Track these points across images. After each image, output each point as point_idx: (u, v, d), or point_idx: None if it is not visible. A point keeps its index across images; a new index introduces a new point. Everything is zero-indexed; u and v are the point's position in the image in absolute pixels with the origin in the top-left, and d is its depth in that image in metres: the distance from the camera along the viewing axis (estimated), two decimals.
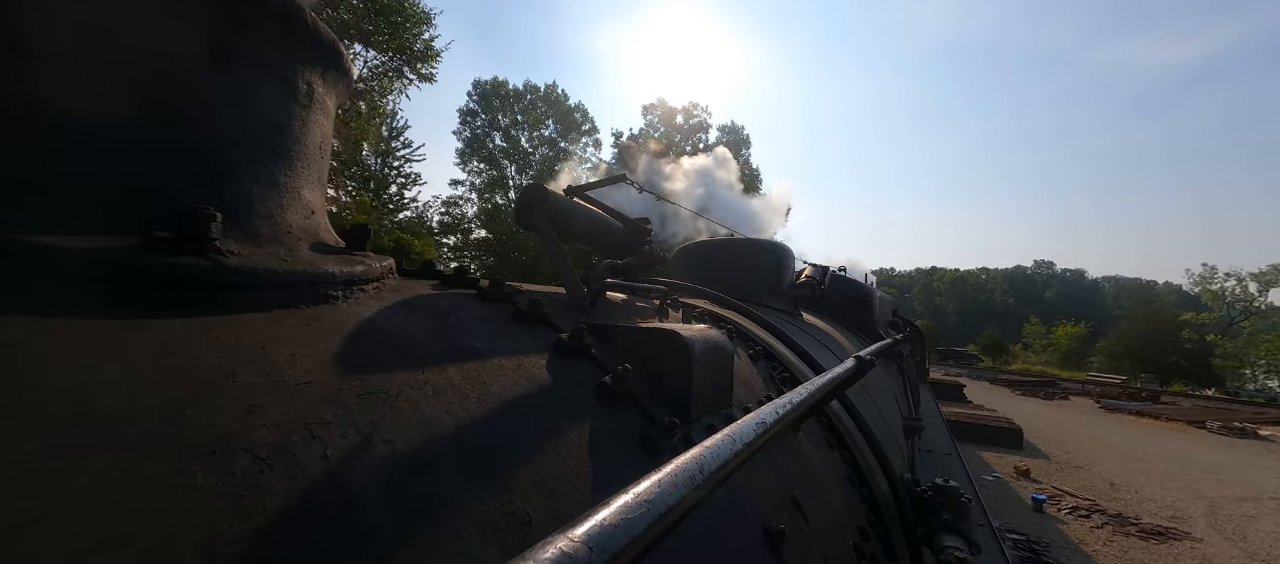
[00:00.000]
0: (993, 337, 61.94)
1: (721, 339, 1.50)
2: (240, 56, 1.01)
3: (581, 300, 1.66)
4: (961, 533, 1.88)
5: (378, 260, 1.22)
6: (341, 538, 0.59)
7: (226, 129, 1.00)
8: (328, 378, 0.78)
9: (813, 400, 1.16)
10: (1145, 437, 16.28)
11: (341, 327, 0.93)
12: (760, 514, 1.23)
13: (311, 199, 1.20)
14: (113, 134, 0.87)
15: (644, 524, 0.44)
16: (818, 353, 3.39)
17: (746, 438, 0.71)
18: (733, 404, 1.54)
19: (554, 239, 1.68)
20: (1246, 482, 11.27)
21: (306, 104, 1.16)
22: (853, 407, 2.44)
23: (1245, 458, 13.78)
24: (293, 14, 1.08)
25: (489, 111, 35.36)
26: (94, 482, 0.50)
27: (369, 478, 0.66)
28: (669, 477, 0.52)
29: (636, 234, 2.24)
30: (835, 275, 8.13)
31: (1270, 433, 17.33)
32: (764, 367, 2.36)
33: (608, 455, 1.01)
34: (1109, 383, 31.07)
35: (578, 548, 0.37)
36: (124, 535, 0.48)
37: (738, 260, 5.17)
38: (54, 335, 0.64)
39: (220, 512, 0.53)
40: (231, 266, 0.87)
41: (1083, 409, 21.85)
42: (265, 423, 0.65)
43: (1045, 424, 17.43)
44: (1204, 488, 10.75)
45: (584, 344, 1.27)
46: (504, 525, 0.73)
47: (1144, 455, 13.55)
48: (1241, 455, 14.09)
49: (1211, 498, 10.12)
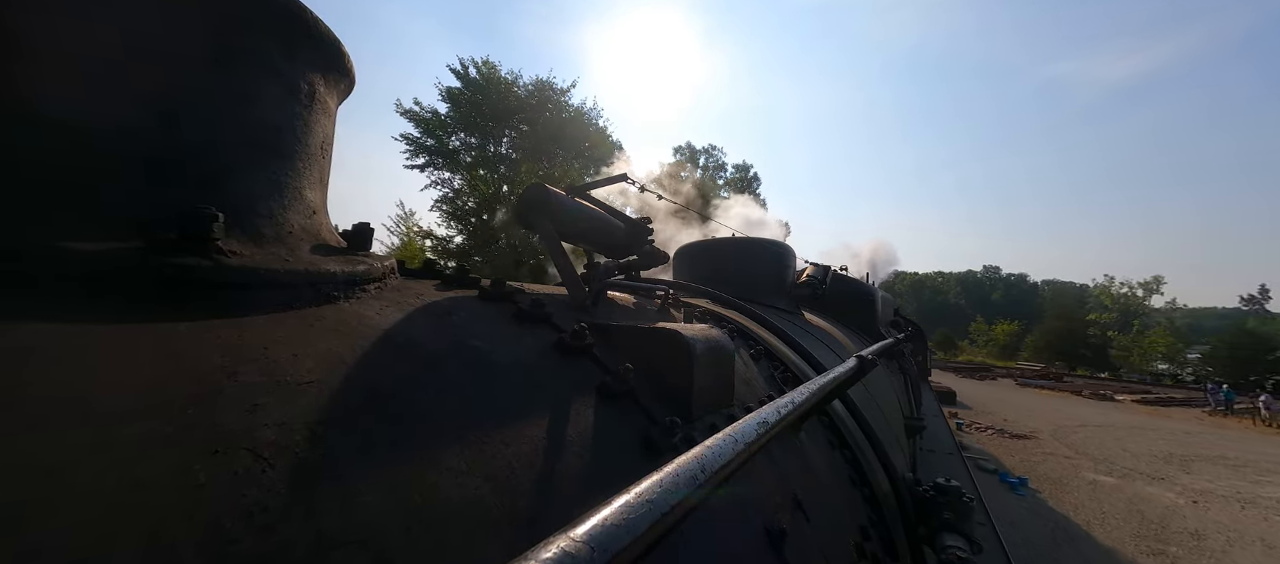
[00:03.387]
0: (945, 334, 74.08)
1: (723, 339, 1.50)
2: (241, 56, 1.01)
3: (583, 300, 1.66)
4: (963, 533, 1.88)
5: (379, 260, 1.22)
6: (343, 537, 0.59)
7: (228, 129, 1.00)
8: (329, 378, 0.78)
9: (814, 400, 1.16)
10: (1039, 400, 25.78)
11: (343, 326, 0.93)
12: (762, 513, 1.23)
13: (313, 199, 1.20)
14: (114, 134, 0.87)
15: (645, 524, 0.43)
16: (819, 352, 3.39)
17: (748, 437, 0.71)
18: (734, 403, 1.54)
19: (555, 238, 1.68)
20: (1082, 418, 20.43)
21: (308, 104, 1.16)
22: (854, 406, 2.44)
23: (1093, 410, 22.95)
24: (294, 14, 1.09)
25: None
26: (96, 481, 0.50)
27: (371, 478, 0.66)
28: (670, 476, 0.52)
29: (638, 233, 2.23)
30: (836, 275, 8.12)
31: (1122, 399, 26.75)
32: (765, 366, 2.35)
33: (609, 455, 1.01)
34: (1030, 368, 42.26)
35: (579, 547, 0.37)
36: (126, 534, 0.48)
37: (739, 260, 5.17)
38: (56, 335, 0.65)
39: (222, 511, 0.54)
40: (233, 267, 0.87)
41: (1005, 386, 32.40)
42: (267, 422, 0.65)
43: (975, 392, 27.58)
44: (1057, 421, 19.39)
45: (585, 343, 1.27)
46: (505, 525, 0.73)
47: (1031, 409, 22.58)
48: (1091, 409, 23.23)
49: (1058, 424, 18.76)
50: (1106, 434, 17.04)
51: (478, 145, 25.64)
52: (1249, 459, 14.08)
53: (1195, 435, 17.57)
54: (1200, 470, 12.74)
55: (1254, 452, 15.09)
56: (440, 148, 24.90)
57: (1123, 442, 15.94)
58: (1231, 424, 20.63)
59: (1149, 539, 8.35)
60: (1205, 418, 21.93)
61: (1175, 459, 13.87)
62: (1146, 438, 16.66)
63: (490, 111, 24.82)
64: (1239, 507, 10.08)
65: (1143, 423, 19.66)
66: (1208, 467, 13.15)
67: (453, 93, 24.64)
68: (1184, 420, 20.88)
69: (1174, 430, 18.34)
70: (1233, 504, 10.21)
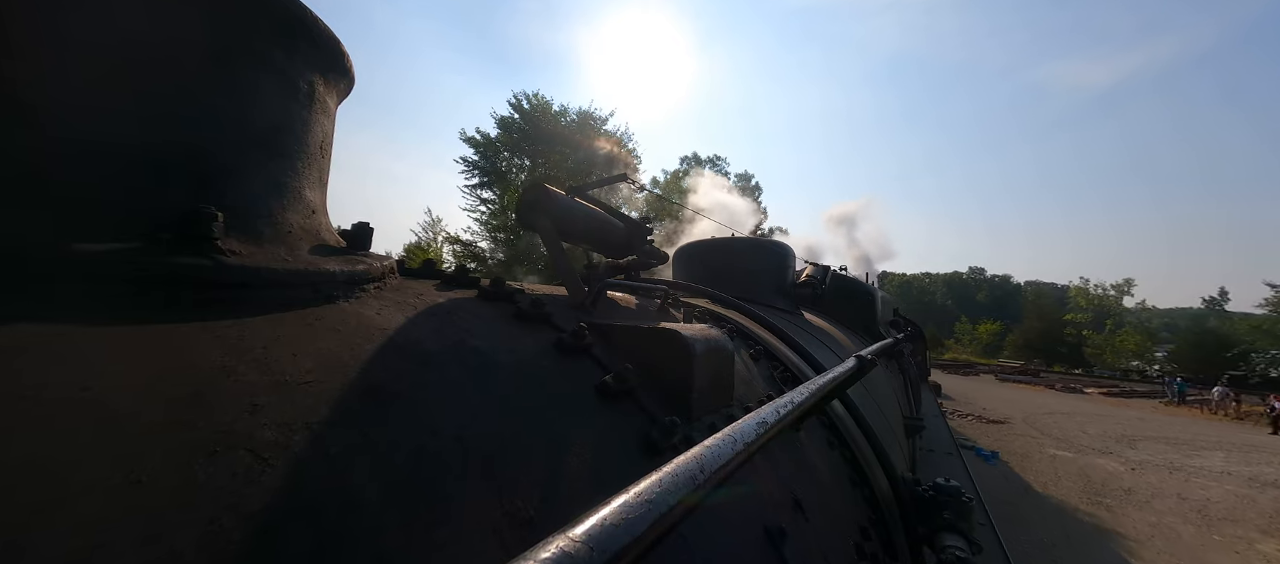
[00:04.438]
0: (931, 332, 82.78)
1: (722, 338, 1.50)
2: (241, 56, 1.01)
3: (582, 300, 1.66)
4: (962, 533, 1.87)
5: (379, 260, 1.22)
6: (342, 537, 0.59)
7: (227, 129, 1.00)
8: (329, 377, 0.78)
9: (814, 400, 1.16)
10: (1016, 393, 29.03)
11: (343, 326, 0.93)
12: (762, 513, 1.23)
13: (313, 199, 1.20)
14: (114, 134, 0.87)
15: (645, 523, 0.43)
16: (819, 352, 3.39)
17: (747, 437, 0.71)
18: (734, 403, 1.54)
19: (555, 238, 1.68)
20: (1051, 407, 22.72)
21: (307, 104, 1.16)
22: (854, 406, 2.44)
23: (1062, 401, 25.55)
24: (294, 14, 1.08)
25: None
26: (97, 479, 0.50)
27: (370, 477, 0.66)
28: (670, 476, 0.52)
29: (637, 233, 2.23)
30: (836, 275, 8.12)
31: (1090, 392, 30.10)
32: (765, 366, 2.35)
33: (608, 454, 1.01)
34: (1010, 365, 46.10)
35: (578, 547, 0.37)
36: (126, 534, 0.48)
37: (739, 260, 5.17)
38: (57, 335, 0.65)
39: (222, 510, 0.54)
40: (233, 266, 0.87)
41: (986, 381, 35.78)
42: (267, 422, 0.65)
43: (959, 386, 30.39)
44: (1029, 410, 21.72)
45: (585, 343, 1.27)
46: (505, 525, 0.73)
47: (1008, 400, 25.18)
48: (1061, 400, 25.89)
49: (1029, 412, 20.97)
50: (1070, 420, 19.44)
51: (527, 167, 28.43)
52: (1186, 439, 16.69)
53: (1147, 421, 20.32)
54: (1144, 447, 15.17)
55: (1192, 433, 17.77)
56: (492, 168, 27.98)
57: (1083, 426, 18.34)
58: (1182, 412, 23.59)
59: (1091, 495, 10.59)
60: (1161, 407, 24.91)
61: (1125, 439, 16.33)
62: (1104, 423, 19.20)
63: (537, 136, 28.07)
64: (1167, 472, 12.45)
65: (1104, 411, 22.51)
66: (1150, 444, 15.61)
67: (505, 120, 28.52)
68: (1140, 409, 23.71)
69: (1130, 417, 20.98)
70: (1163, 471, 12.59)
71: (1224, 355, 37.10)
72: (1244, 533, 8.82)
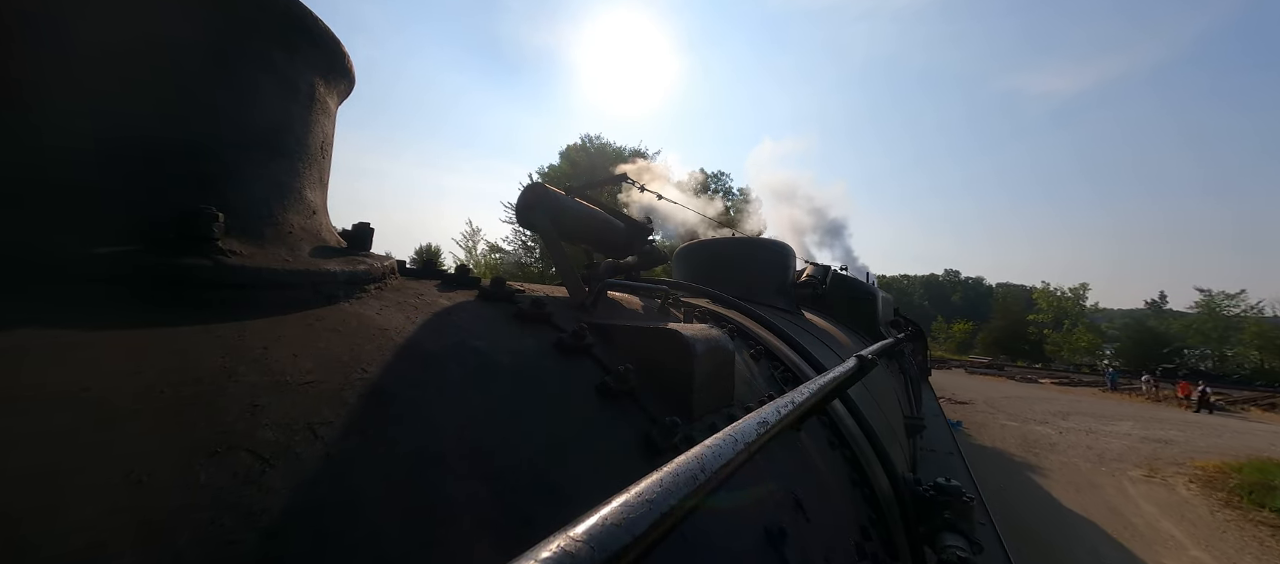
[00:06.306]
0: None
1: (723, 338, 1.49)
2: (242, 56, 1.01)
3: (582, 300, 1.66)
4: (963, 532, 1.87)
5: (380, 260, 1.22)
6: (343, 537, 0.59)
7: (228, 129, 1.00)
8: (330, 377, 0.78)
9: (814, 400, 1.15)
10: (982, 382, 33.61)
11: (343, 326, 0.93)
12: (762, 513, 1.23)
13: (313, 199, 1.20)
14: (114, 135, 0.87)
15: (645, 523, 0.43)
16: (819, 352, 3.39)
17: (748, 437, 0.71)
18: (734, 403, 1.54)
19: (555, 238, 1.68)
20: (1007, 393, 27.43)
21: (308, 104, 1.16)
22: (854, 406, 2.43)
23: (1018, 388, 30.65)
24: (294, 14, 1.09)
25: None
26: (97, 480, 0.50)
27: (370, 477, 0.66)
28: (670, 476, 0.52)
29: (637, 233, 2.23)
30: (837, 274, 8.12)
31: (1043, 381, 34.56)
32: (765, 366, 2.35)
33: (609, 454, 1.01)
34: (979, 360, 51.20)
35: (579, 547, 0.37)
36: (126, 534, 0.48)
37: (739, 260, 5.16)
38: (57, 336, 0.65)
39: (223, 511, 0.54)
40: (233, 267, 0.87)
41: (957, 374, 40.30)
42: (268, 422, 0.65)
43: (933, 378, 34.32)
44: (990, 395, 26.19)
45: (585, 343, 1.27)
46: (505, 524, 0.73)
47: (974, 388, 29.18)
48: (1017, 387, 31.31)
49: (989, 396, 25.50)
50: (1022, 402, 24.09)
51: None
52: (1107, 414, 21.42)
53: (1082, 402, 25.00)
54: (1074, 420, 19.68)
55: (1114, 411, 22.50)
56: None
57: (1031, 405, 23.13)
58: (1113, 396, 28.46)
59: (1026, 447, 15.08)
60: (1098, 393, 29.78)
61: (1061, 413, 21.07)
62: (1048, 403, 23.88)
63: (592, 168, 35.16)
64: (1085, 434, 17.05)
65: (1051, 395, 27.52)
66: (1080, 418, 20.21)
67: (571, 151, 36.85)
68: (1080, 395, 28.22)
69: (1070, 400, 25.49)
70: (1082, 433, 17.14)
71: (1161, 351, 43.18)
72: (1123, 467, 12.93)
